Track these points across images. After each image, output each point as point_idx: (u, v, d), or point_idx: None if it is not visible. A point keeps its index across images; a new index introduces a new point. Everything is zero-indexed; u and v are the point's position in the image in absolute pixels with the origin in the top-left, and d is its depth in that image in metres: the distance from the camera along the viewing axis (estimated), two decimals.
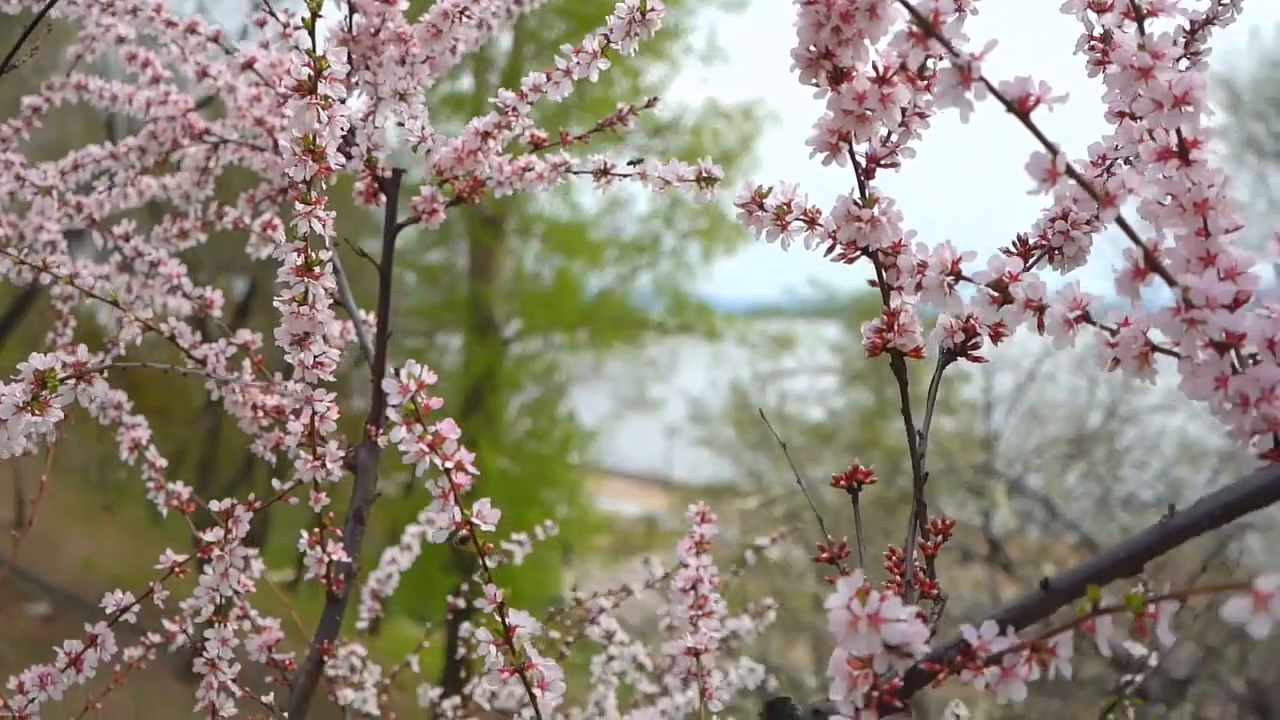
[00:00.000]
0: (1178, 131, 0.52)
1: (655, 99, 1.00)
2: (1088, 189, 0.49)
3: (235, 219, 1.17)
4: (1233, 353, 0.52)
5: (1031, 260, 0.67)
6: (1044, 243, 0.67)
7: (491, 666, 0.64)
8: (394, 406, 0.60)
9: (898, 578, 0.63)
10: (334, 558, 0.95)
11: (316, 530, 0.94)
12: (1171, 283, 0.50)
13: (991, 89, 0.49)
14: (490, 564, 0.63)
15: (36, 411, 0.66)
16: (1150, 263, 0.50)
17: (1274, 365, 0.50)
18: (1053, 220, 0.67)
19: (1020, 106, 0.50)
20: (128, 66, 1.19)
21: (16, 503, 8.39)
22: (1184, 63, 0.71)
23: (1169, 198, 0.53)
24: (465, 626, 1.26)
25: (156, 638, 1.10)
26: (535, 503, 10.22)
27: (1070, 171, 0.49)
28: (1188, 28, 0.72)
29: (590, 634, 1.29)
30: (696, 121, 11.00)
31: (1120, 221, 0.50)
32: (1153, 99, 0.52)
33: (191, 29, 1.08)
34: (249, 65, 1.03)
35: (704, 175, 0.82)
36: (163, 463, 1.07)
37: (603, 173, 0.95)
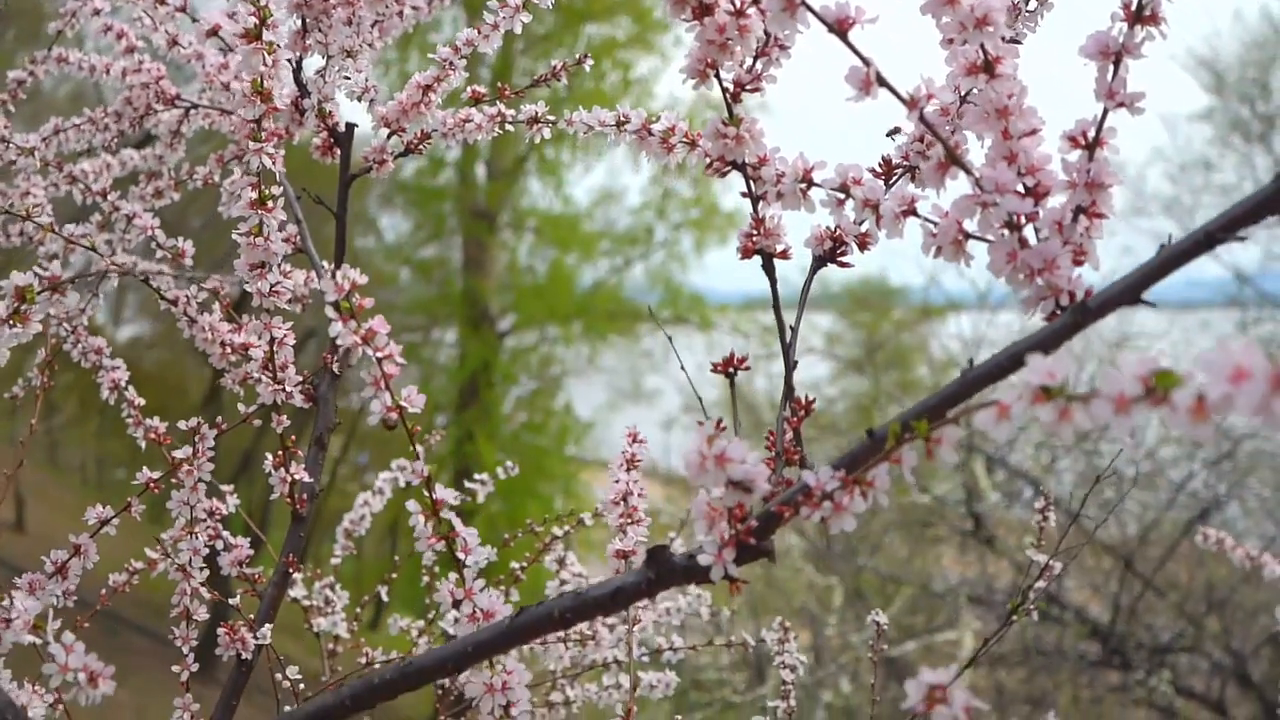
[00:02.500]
0: (982, 48, 0.61)
1: (586, 56, 1.09)
2: (896, 95, 0.58)
3: (205, 177, 1.26)
4: (1032, 233, 0.61)
5: (895, 178, 0.76)
6: (905, 162, 0.76)
7: (420, 535, 0.73)
8: (330, 304, 0.69)
9: (771, 453, 0.72)
10: (296, 478, 1.04)
11: (280, 453, 1.03)
12: (969, 173, 0.59)
13: (813, 11, 0.58)
14: (420, 445, 0.73)
15: (17, 323, 0.75)
16: (951, 157, 0.59)
17: (1058, 243, 0.59)
18: (913, 142, 0.76)
19: (840, 27, 0.59)
20: (103, 38, 1.28)
21: (16, 503, 8.48)
22: (1033, 3, 0.80)
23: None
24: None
25: (139, 564, 1.19)
26: (533, 495, 10.30)
27: (881, 80, 0.58)
28: None
29: (544, 562, 1.39)
30: (688, 112, 11.08)
31: (924, 121, 0.59)
32: (959, 22, 0.61)
33: (160, 0, 1.16)
34: (213, 32, 1.11)
35: (620, 120, 0.91)
36: (141, 401, 1.16)
37: (534, 120, 1.04)
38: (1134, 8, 0.60)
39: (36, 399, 1.30)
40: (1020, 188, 0.60)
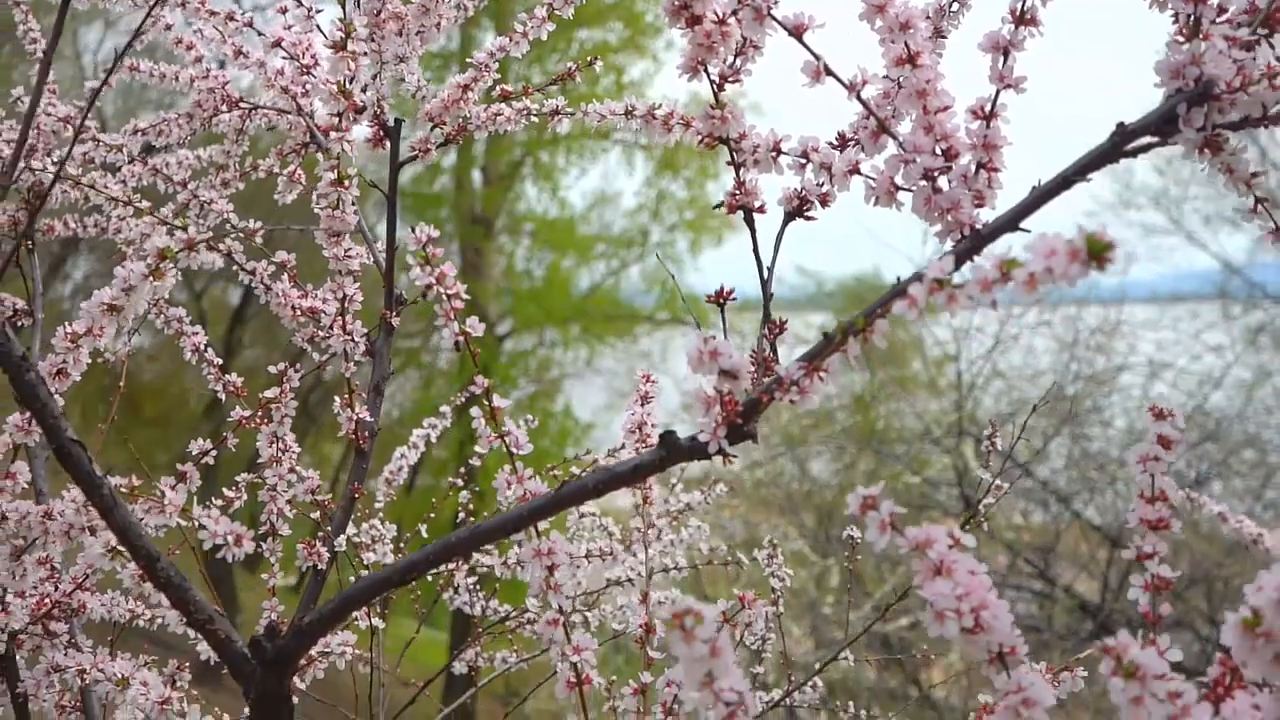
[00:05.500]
0: (906, 45, 0.81)
1: (595, 58, 1.29)
2: (839, 80, 0.78)
3: (267, 169, 1.45)
4: (945, 183, 0.81)
5: (848, 147, 0.96)
6: (855, 135, 0.95)
7: (481, 434, 0.93)
8: (411, 252, 0.89)
9: (754, 367, 0.92)
10: (360, 418, 1.24)
11: (347, 395, 1.23)
12: (895, 139, 0.79)
13: (778, 21, 0.78)
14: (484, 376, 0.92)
15: (156, 279, 0.95)
16: (881, 128, 0.79)
17: (963, 190, 0.79)
18: (860, 119, 0.96)
19: (797, 31, 0.79)
20: (175, 49, 1.47)
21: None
22: (955, 6, 1.00)
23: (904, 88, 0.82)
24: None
25: (220, 502, 1.38)
26: None
27: (828, 71, 0.78)
28: None
29: None
30: (681, 113, 11.29)
31: (861, 101, 0.79)
32: (888, 26, 0.81)
33: (230, 17, 1.36)
34: (277, 44, 1.31)
35: (629, 110, 1.11)
36: (219, 361, 1.36)
37: (554, 113, 1.24)
38: (1018, 13, 0.80)
39: (122, 364, 1.50)
40: (936, 150, 0.80)
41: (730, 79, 0.89)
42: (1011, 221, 0.75)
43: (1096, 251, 0.57)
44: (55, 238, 1.65)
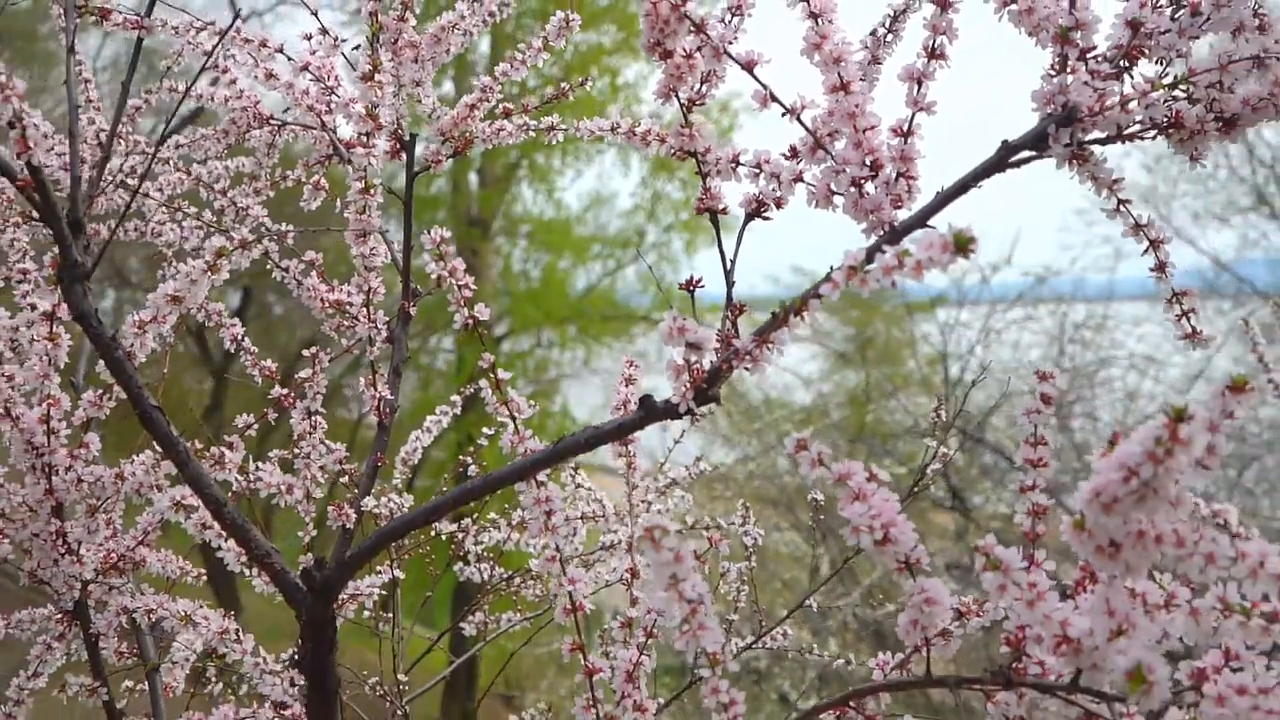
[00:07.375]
0: (839, 75, 0.99)
1: (586, 79, 1.47)
2: (782, 105, 0.96)
3: (295, 179, 1.63)
4: (871, 189, 0.99)
5: (799, 159, 1.13)
6: (799, 150, 1.13)
7: (490, 403, 1.10)
8: (427, 250, 1.06)
9: (718, 344, 1.10)
10: (383, 396, 1.41)
11: (370, 376, 1.40)
12: (828, 153, 0.97)
13: (731, 57, 0.96)
14: (491, 345, 1.10)
15: (213, 273, 1.12)
16: (817, 143, 0.97)
17: (884, 196, 0.97)
18: (805, 136, 1.13)
19: (748, 65, 0.96)
20: (212, 73, 1.65)
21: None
22: (890, 36, 1.18)
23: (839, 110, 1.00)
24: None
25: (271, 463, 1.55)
26: None
27: (773, 97, 0.96)
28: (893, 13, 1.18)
29: (560, 478, 1.76)
30: (675, 116, 11.47)
31: (800, 122, 0.97)
32: (823, 60, 0.99)
33: (263, 44, 1.54)
34: (305, 67, 1.49)
35: (614, 126, 1.28)
36: (255, 350, 1.53)
37: (551, 128, 1.42)
38: (930, 48, 0.98)
39: (164, 353, 1.67)
40: (865, 162, 0.98)
41: (697, 103, 1.06)
42: (920, 220, 0.93)
43: (961, 244, 0.74)
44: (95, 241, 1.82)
